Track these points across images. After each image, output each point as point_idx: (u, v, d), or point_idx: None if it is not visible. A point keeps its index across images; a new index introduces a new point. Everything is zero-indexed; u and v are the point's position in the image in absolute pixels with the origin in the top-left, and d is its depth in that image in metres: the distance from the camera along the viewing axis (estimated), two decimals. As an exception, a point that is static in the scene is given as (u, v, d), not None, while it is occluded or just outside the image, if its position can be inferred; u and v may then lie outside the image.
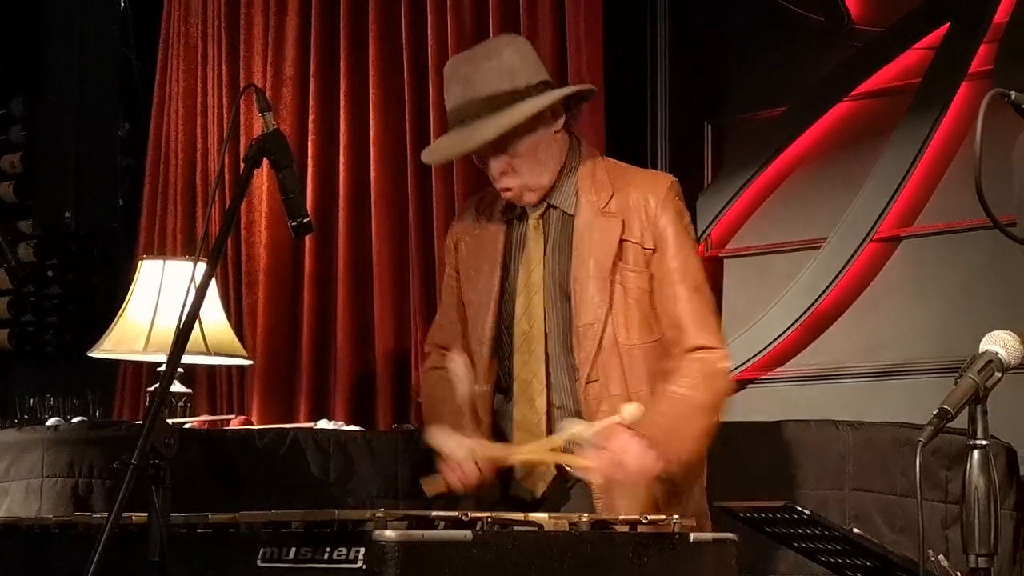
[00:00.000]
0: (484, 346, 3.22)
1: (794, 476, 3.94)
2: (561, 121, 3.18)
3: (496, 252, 3.24)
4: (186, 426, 4.96)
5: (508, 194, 3.19)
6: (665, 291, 3.15)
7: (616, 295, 3.14)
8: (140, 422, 4.52)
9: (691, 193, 4.87)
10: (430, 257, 5.24)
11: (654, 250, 3.15)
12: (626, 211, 3.16)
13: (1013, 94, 2.45)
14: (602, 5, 4.87)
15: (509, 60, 3.12)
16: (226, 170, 5.68)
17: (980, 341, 2.54)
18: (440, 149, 3.32)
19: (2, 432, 4.64)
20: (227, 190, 5.63)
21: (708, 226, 4.84)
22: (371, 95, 5.42)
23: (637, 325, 3.15)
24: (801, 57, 4.78)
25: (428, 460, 3.26)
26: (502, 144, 3.11)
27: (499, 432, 3.24)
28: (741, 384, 4.76)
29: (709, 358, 3.13)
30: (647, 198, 3.16)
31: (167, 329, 4.90)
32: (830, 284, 4.58)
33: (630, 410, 3.02)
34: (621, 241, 3.15)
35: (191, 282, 2.56)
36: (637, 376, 3.13)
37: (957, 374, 2.49)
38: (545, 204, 3.20)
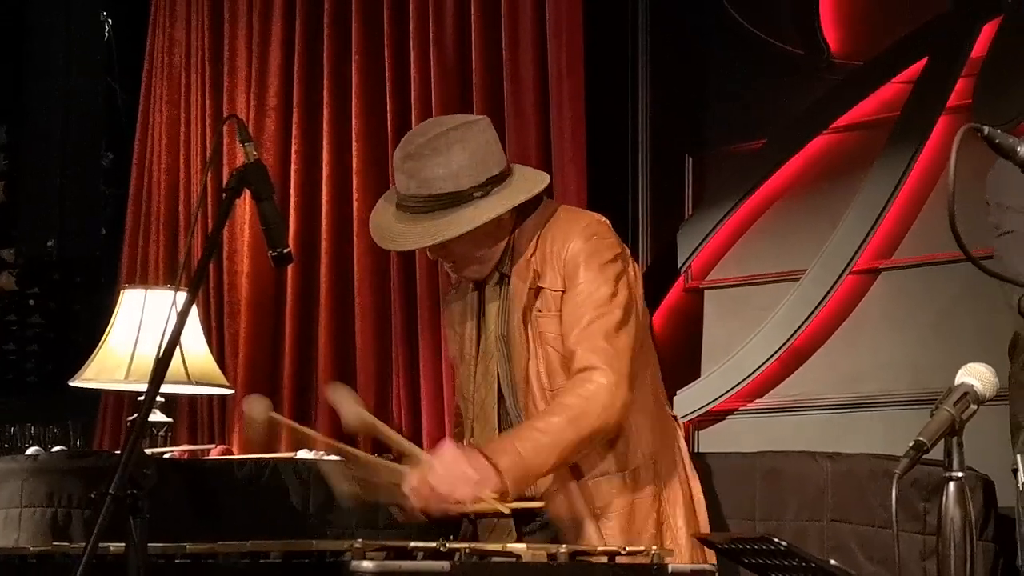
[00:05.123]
0: (470, 404, 3.28)
1: (773, 507, 3.94)
2: (505, 214, 3.13)
3: (471, 316, 3.27)
4: (166, 456, 4.95)
5: (453, 275, 3.23)
6: (568, 322, 3.12)
7: (534, 343, 3.14)
8: (119, 452, 4.51)
9: (672, 225, 4.90)
10: (412, 288, 5.24)
11: (564, 291, 3.13)
12: (544, 259, 3.15)
13: (986, 129, 2.45)
14: (583, 37, 4.89)
15: (456, 160, 3.06)
16: (208, 199, 5.68)
17: (957, 373, 2.56)
18: (379, 230, 3.22)
19: (-18, 461, 4.63)
20: (209, 220, 5.63)
21: (688, 258, 4.85)
22: (354, 126, 5.43)
23: (557, 369, 3.14)
24: (781, 90, 4.80)
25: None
26: (441, 245, 3.11)
27: None
28: (720, 415, 4.77)
29: (581, 377, 3.07)
30: (562, 242, 3.14)
31: (148, 358, 4.88)
32: (809, 316, 4.59)
33: None
34: (538, 288, 3.14)
35: (171, 310, 2.56)
36: None
37: (933, 406, 2.50)
38: (497, 273, 3.21)
